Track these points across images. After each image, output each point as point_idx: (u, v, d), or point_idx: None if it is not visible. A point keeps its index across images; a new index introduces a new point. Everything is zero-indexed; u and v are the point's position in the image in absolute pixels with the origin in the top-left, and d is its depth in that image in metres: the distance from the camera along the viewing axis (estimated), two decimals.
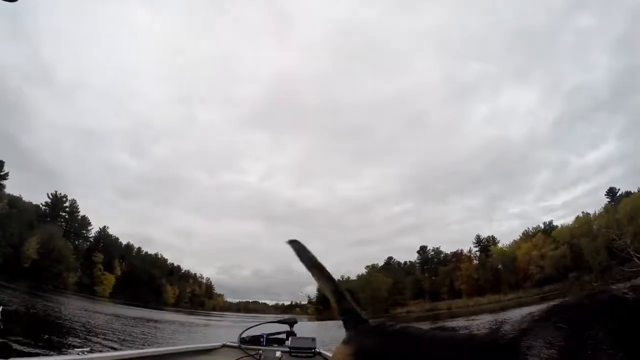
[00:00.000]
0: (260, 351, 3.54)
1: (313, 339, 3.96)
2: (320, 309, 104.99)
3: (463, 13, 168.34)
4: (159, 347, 4.89)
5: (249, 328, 4.25)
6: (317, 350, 3.89)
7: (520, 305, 53.35)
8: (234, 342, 4.09)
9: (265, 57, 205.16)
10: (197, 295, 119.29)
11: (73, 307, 37.15)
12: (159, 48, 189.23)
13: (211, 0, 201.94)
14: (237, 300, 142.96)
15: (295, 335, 4.16)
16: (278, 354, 3.50)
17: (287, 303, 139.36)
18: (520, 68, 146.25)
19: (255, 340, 4.14)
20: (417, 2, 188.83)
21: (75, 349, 2.52)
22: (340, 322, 1.40)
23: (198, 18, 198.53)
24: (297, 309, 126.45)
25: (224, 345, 4.11)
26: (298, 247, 1.53)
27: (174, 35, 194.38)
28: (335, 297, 1.45)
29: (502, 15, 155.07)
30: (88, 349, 2.59)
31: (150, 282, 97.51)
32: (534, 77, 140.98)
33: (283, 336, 4.23)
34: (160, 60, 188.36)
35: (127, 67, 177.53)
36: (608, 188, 76.53)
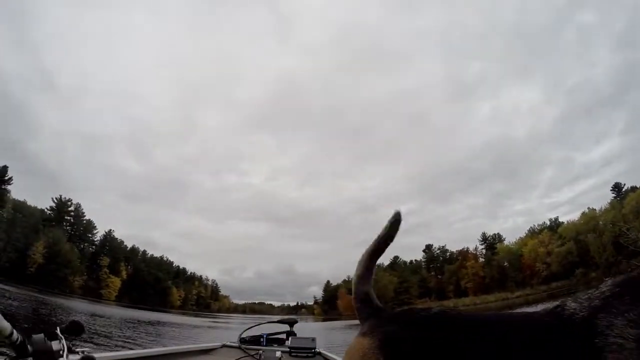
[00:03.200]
0: (260, 351, 3.47)
1: (313, 339, 3.89)
2: (326, 309, 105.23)
3: (464, 12, 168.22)
4: (159, 347, 4.82)
5: (249, 328, 4.20)
6: (317, 350, 3.83)
7: (528, 302, 53.14)
8: (233, 342, 4.03)
9: (267, 59, 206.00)
10: (202, 297, 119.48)
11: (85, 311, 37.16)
12: (161, 52, 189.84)
13: (212, 3, 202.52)
14: (243, 302, 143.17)
15: (295, 335, 4.09)
16: (278, 354, 3.43)
17: (292, 304, 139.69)
18: (522, 66, 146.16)
19: (255, 340, 4.08)
20: (418, 2, 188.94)
21: (76, 349, 2.47)
22: (345, 323, 1.28)
23: (199, 21, 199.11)
24: (303, 310, 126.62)
25: (223, 346, 4.05)
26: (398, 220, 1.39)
27: (175, 38, 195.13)
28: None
29: (503, 13, 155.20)
30: (88, 349, 2.53)
31: (156, 284, 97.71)
32: (537, 74, 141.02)
33: (283, 336, 4.17)
34: (162, 64, 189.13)
35: (128, 71, 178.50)
36: (613, 183, 76.12)
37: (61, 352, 1.62)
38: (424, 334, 0.97)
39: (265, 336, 4.08)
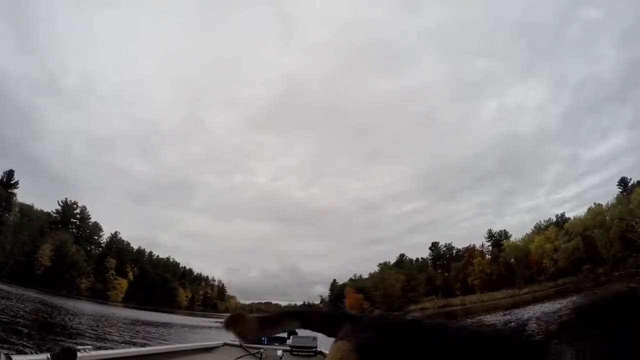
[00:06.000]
0: (262, 350, 3.46)
1: (314, 338, 3.86)
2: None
3: (468, 10, 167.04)
4: (160, 345, 4.81)
5: None
6: (318, 349, 3.81)
7: (536, 299, 52.95)
8: (235, 341, 4.01)
9: (271, 59, 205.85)
10: (209, 298, 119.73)
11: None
12: (166, 52, 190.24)
13: (216, 3, 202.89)
14: (249, 302, 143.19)
15: (296, 334, 4.06)
16: (279, 352, 3.42)
17: (299, 303, 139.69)
18: (527, 63, 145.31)
19: (256, 339, 4.06)
20: (422, 1, 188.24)
21: (78, 347, 2.47)
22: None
23: (203, 21, 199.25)
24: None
25: (225, 344, 4.03)
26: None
27: (180, 38, 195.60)
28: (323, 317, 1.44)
29: (507, 10, 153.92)
30: (90, 346, 2.54)
31: (163, 285, 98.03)
32: (542, 71, 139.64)
33: (284, 335, 4.16)
34: (166, 64, 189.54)
35: (133, 72, 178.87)
36: (620, 178, 75.65)
37: None
38: (393, 339, 1.06)
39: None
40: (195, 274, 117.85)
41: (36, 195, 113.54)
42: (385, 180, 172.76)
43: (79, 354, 2.38)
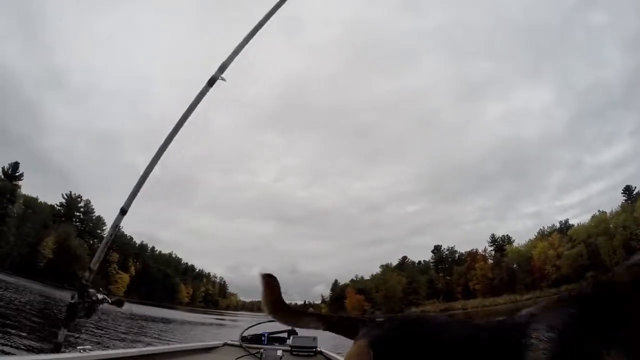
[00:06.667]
0: (262, 350, 3.44)
1: (314, 338, 3.86)
2: (334, 308, 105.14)
3: (472, 11, 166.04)
4: (160, 345, 4.81)
5: (250, 327, 4.19)
6: (319, 349, 3.81)
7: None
8: (235, 341, 4.01)
9: (274, 59, 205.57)
10: (210, 295, 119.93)
11: None
12: (169, 51, 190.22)
13: (219, 3, 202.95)
14: (250, 300, 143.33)
15: (296, 334, 4.06)
16: (279, 352, 3.40)
17: (300, 303, 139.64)
18: (532, 66, 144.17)
19: (256, 339, 4.06)
20: (426, 2, 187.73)
21: (78, 347, 2.48)
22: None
23: (206, 20, 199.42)
24: (311, 309, 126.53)
25: (225, 344, 4.03)
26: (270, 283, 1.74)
27: (183, 37, 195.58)
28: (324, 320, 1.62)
29: (512, 13, 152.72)
30: (90, 346, 2.56)
31: (164, 281, 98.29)
32: (547, 75, 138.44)
33: (284, 335, 4.16)
34: (171, 63, 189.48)
35: (137, 70, 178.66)
36: (624, 186, 75.23)
37: (104, 300, 3.12)
38: (403, 334, 1.26)
39: (266, 335, 4.06)
40: (197, 270, 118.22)
41: (41, 188, 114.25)
42: (387, 181, 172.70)
43: (78, 354, 2.42)
